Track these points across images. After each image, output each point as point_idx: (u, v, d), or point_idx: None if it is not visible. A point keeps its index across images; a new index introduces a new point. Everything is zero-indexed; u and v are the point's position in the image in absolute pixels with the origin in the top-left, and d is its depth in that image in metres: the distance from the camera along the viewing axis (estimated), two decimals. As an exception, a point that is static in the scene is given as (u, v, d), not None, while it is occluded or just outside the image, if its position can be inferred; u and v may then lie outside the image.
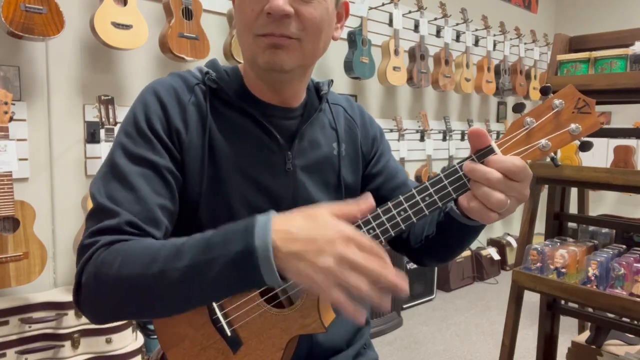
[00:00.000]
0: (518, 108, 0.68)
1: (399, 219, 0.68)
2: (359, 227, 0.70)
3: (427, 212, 0.68)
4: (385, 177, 0.94)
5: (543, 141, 0.66)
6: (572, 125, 0.65)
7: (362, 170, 0.94)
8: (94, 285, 0.64)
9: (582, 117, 0.65)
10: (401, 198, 0.69)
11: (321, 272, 0.56)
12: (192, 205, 0.77)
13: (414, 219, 0.68)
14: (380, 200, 0.92)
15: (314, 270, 0.56)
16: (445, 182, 0.68)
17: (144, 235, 0.67)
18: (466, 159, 0.67)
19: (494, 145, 0.67)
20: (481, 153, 0.67)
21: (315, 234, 0.57)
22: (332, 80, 0.93)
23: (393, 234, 0.69)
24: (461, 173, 0.67)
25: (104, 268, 0.63)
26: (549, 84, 0.68)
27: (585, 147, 0.66)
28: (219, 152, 0.77)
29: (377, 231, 0.68)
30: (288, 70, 0.75)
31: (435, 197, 0.67)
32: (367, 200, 0.62)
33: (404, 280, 0.57)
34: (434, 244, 0.84)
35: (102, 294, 0.64)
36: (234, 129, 0.79)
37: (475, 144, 0.68)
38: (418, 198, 0.68)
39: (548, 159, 0.72)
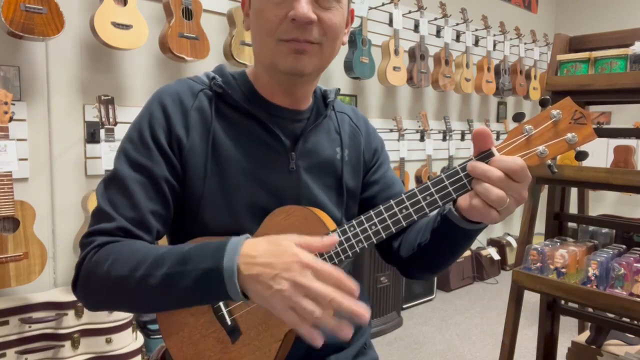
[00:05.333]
0: (518, 117, 0.70)
1: (400, 216, 0.71)
2: (360, 222, 0.72)
3: (427, 210, 0.70)
4: (382, 186, 0.96)
5: (541, 148, 0.68)
6: (569, 135, 0.67)
7: (362, 177, 0.95)
8: (87, 281, 0.73)
9: (578, 127, 0.68)
10: (403, 196, 0.71)
11: (276, 296, 0.60)
12: (196, 205, 0.79)
13: (415, 217, 0.70)
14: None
15: (270, 293, 0.60)
16: (447, 182, 0.69)
17: (134, 239, 0.75)
18: (467, 161, 0.69)
19: (494, 149, 0.69)
20: (482, 156, 0.69)
21: (274, 260, 0.61)
22: (339, 89, 0.95)
23: (394, 230, 0.71)
24: (462, 174, 0.69)
25: (96, 267, 0.71)
26: (547, 97, 0.70)
27: (580, 156, 0.69)
28: (223, 154, 0.80)
29: (379, 227, 0.71)
30: (308, 73, 0.79)
31: (436, 196, 0.70)
32: (331, 237, 0.65)
33: (364, 309, 0.59)
34: (426, 252, 0.85)
35: (93, 288, 0.73)
36: (239, 131, 0.82)
37: (478, 144, 0.69)
38: (419, 197, 0.70)
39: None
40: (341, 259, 0.73)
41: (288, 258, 0.61)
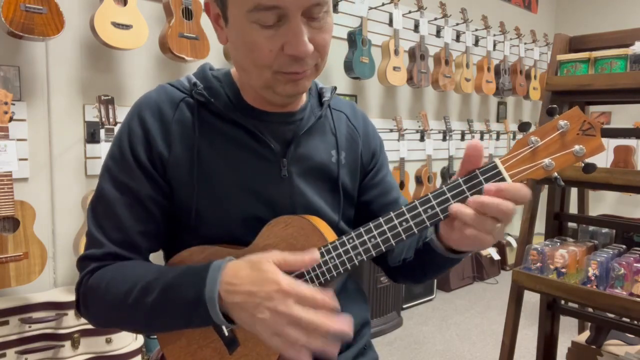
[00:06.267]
0: (524, 127, 0.67)
1: (400, 229, 0.69)
2: (359, 235, 0.70)
3: (428, 223, 0.68)
4: (380, 192, 0.93)
5: (547, 160, 0.65)
6: (577, 147, 0.64)
7: (360, 180, 0.92)
8: (86, 303, 0.76)
9: (586, 139, 0.65)
10: (404, 209, 0.69)
11: (259, 324, 0.61)
12: (190, 219, 0.77)
13: (415, 230, 0.68)
14: (370, 214, 0.88)
15: (253, 321, 0.62)
16: (448, 194, 0.67)
17: (125, 260, 0.76)
18: (470, 172, 0.66)
19: (498, 162, 0.66)
20: (485, 169, 0.66)
21: (256, 288, 0.62)
22: (335, 87, 0.91)
23: (394, 244, 0.69)
24: (465, 187, 0.66)
25: (92, 292, 0.74)
26: (555, 105, 0.67)
27: (588, 169, 0.65)
28: (211, 166, 0.77)
29: (378, 240, 0.70)
30: (305, 91, 0.77)
31: (438, 209, 0.67)
32: (313, 254, 0.66)
33: (347, 325, 0.60)
34: (410, 268, 0.84)
35: (93, 311, 0.76)
36: (226, 140, 0.78)
37: (469, 157, 0.66)
38: (420, 209, 0.68)
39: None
40: (340, 271, 0.71)
41: (269, 286, 0.61)
